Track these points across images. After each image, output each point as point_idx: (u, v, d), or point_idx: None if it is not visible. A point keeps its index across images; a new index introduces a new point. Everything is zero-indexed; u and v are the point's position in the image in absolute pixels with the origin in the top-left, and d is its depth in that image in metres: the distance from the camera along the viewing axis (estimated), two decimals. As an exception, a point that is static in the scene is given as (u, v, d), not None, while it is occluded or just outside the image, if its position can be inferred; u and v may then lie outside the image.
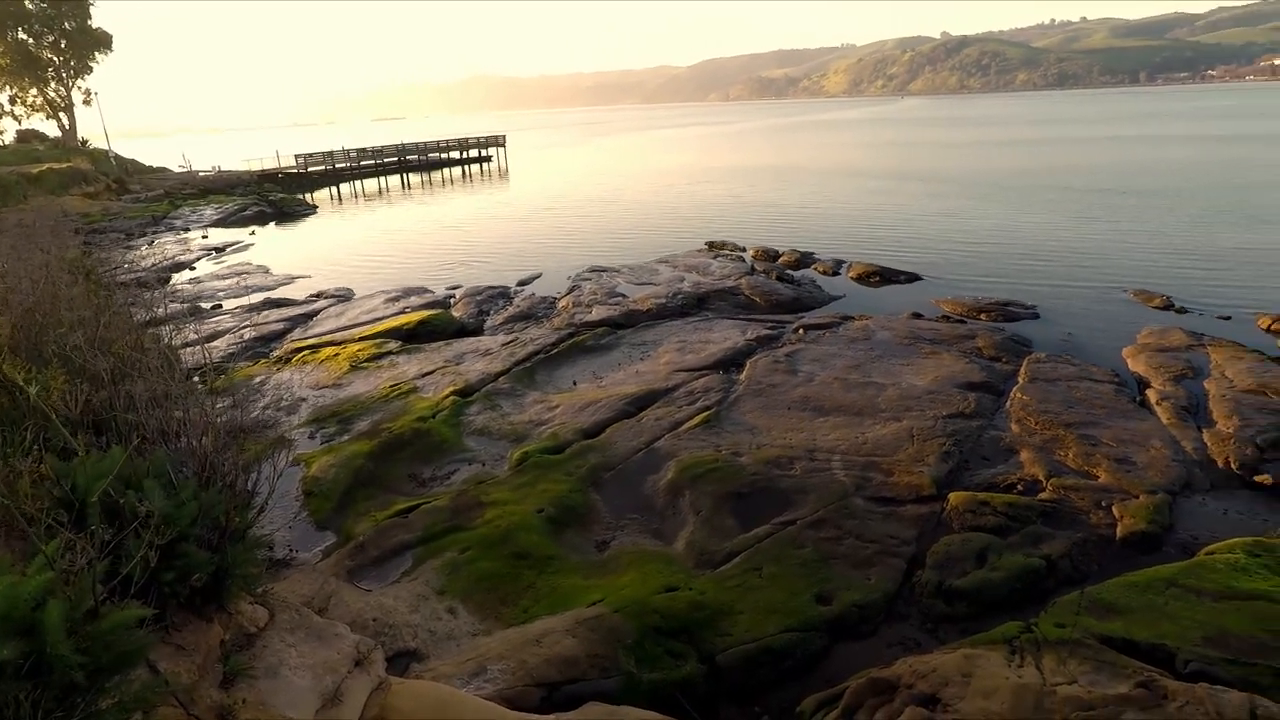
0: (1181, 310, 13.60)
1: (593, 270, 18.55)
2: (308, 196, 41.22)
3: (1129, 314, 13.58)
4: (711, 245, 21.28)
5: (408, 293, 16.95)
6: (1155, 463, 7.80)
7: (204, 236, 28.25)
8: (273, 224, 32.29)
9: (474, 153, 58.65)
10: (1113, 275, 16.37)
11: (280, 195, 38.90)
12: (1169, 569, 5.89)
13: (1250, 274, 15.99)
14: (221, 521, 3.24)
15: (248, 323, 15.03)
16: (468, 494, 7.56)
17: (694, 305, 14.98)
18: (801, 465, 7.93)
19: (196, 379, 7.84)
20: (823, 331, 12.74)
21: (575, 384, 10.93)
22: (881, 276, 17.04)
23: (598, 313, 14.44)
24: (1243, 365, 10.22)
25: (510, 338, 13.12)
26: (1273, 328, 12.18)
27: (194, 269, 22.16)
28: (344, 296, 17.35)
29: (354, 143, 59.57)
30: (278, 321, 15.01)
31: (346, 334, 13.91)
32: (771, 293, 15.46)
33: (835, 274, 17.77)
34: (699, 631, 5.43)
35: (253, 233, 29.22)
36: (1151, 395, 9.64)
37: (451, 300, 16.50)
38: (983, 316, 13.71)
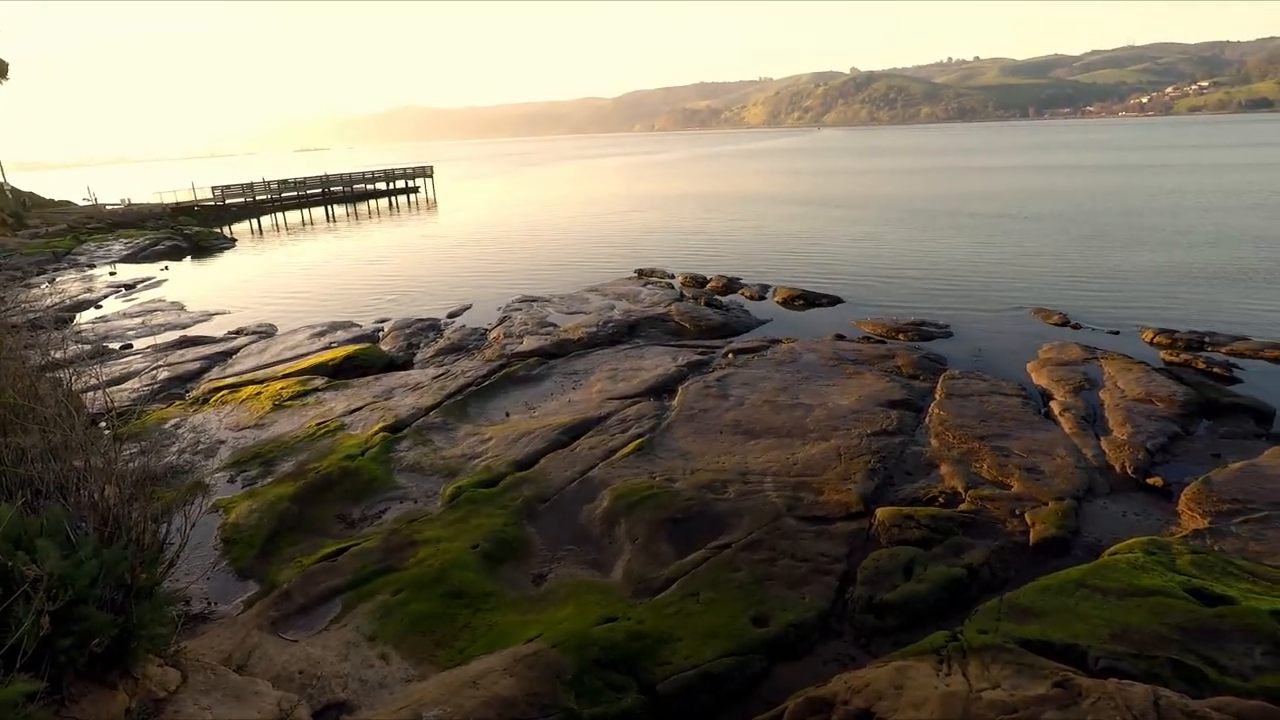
0: (1076, 326, 14.63)
1: (523, 300, 18.48)
2: (226, 230, 39.61)
3: (1031, 330, 14.51)
4: (641, 273, 21.56)
5: (333, 327, 16.47)
6: (1061, 471, 8.29)
7: (112, 273, 26.72)
8: (188, 259, 30.85)
9: (401, 184, 57.71)
10: (1015, 294, 17.47)
11: (196, 229, 37.18)
12: (1078, 571, 6.24)
13: (1134, 291, 17.41)
14: (127, 579, 3.05)
15: (161, 362, 14.26)
16: (399, 533, 7.35)
17: (625, 333, 15.10)
18: (735, 488, 8.06)
19: (103, 425, 7.38)
20: (751, 355, 13.03)
21: (508, 415, 10.82)
22: (805, 300, 17.61)
23: (529, 343, 14.38)
24: (1132, 376, 11.03)
25: (441, 370, 12.89)
26: (1155, 340, 13.27)
27: (101, 307, 20.88)
28: (266, 333, 16.71)
29: (275, 174, 57.71)
30: (194, 360, 14.31)
31: (269, 371, 13.38)
32: (701, 318, 15.75)
33: (761, 298, 18.27)
34: (639, 661, 5.41)
35: (166, 268, 27.84)
36: (1055, 407, 10.28)
37: (380, 334, 16.11)
38: (901, 336, 14.33)
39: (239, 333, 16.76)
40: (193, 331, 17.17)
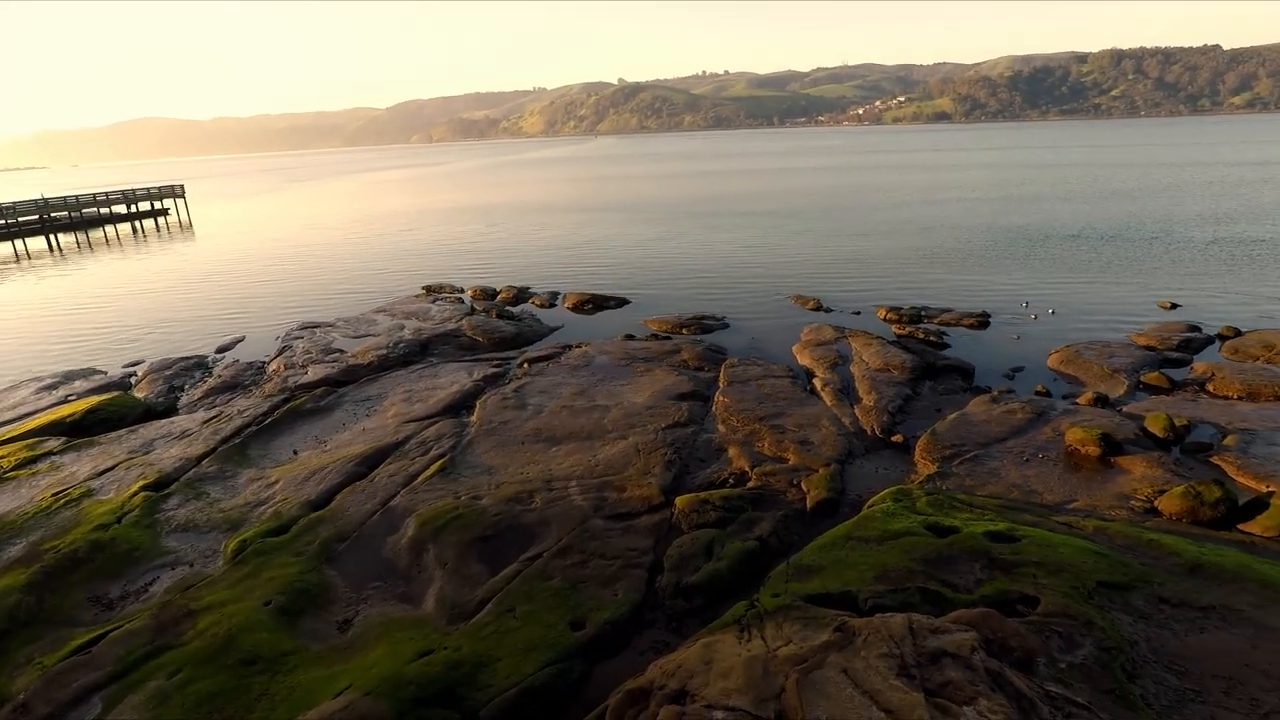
0: (828, 310, 16.78)
1: (304, 327, 17.10)
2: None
3: (793, 316, 16.37)
4: (429, 289, 20.92)
5: (69, 377, 14.08)
6: (827, 440, 9.45)
7: None
8: None
9: (145, 206, 50.13)
10: (777, 284, 19.58)
11: None
12: (845, 526, 7.18)
13: (869, 275, 20.34)
14: None
15: None
16: (174, 604, 6.54)
17: (417, 352, 14.61)
18: (541, 497, 8.18)
19: None
20: (546, 363, 13.25)
21: (296, 453, 10.02)
22: (594, 303, 18.22)
23: (314, 372, 13.39)
24: (873, 350, 12.86)
25: (213, 413, 11.60)
26: (887, 317, 15.69)
27: None
28: (-31, 394, 13.81)
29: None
30: None
31: (-22, 440, 11.11)
32: (493, 331, 15.68)
33: (552, 305, 18.62)
34: (460, 690, 5.34)
35: None
36: (817, 383, 11.69)
37: (132, 379, 14.06)
38: (684, 331, 15.41)
39: (-70, 398, 13.70)
40: None
